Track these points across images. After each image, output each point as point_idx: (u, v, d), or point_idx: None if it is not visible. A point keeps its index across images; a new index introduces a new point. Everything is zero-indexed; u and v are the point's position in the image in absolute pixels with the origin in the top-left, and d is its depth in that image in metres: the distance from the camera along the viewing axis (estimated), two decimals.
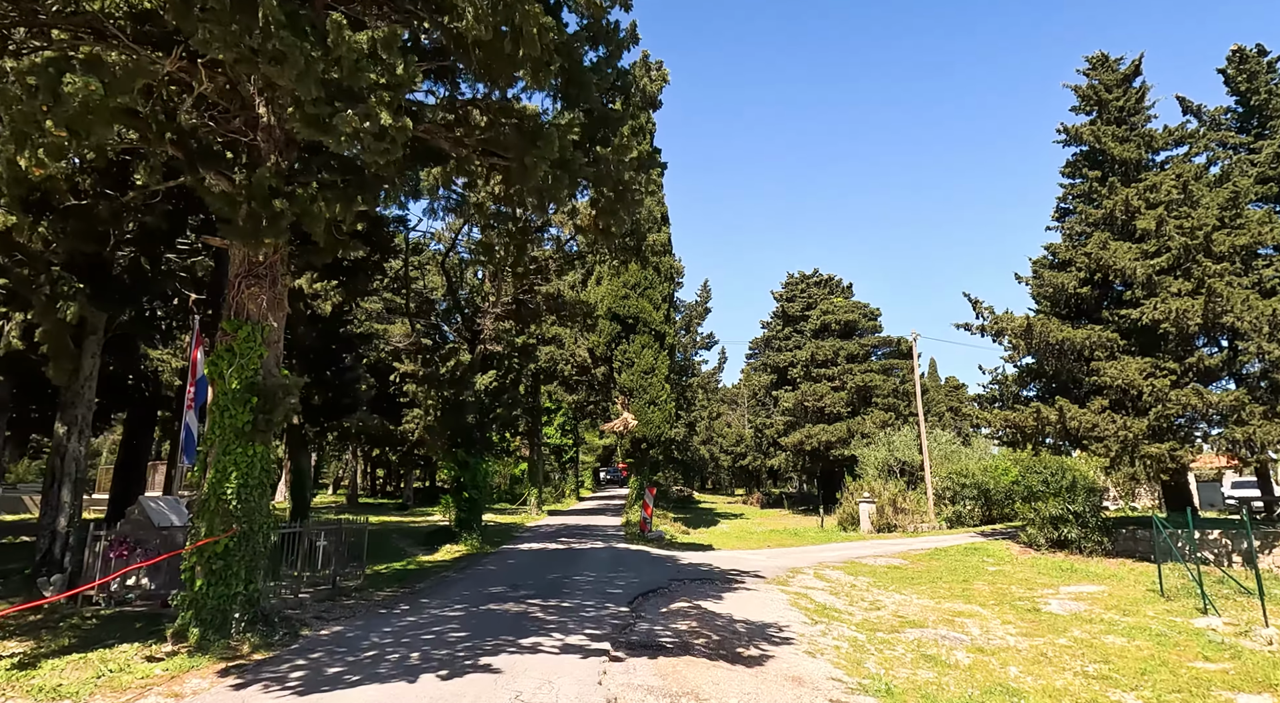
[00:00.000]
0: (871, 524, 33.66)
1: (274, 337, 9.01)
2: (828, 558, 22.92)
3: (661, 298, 32.67)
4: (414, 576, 15.48)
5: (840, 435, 47.51)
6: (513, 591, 13.10)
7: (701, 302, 50.55)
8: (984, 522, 36.85)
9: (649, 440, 31.63)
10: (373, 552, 19.49)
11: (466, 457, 20.31)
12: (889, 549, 26.20)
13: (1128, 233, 26.10)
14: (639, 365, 31.81)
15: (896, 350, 51.01)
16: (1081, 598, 17.52)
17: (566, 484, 59.80)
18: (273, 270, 8.85)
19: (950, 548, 26.38)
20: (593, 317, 25.96)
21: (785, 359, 57.83)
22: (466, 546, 19.99)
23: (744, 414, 74.86)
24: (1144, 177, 26.63)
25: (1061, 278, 27.31)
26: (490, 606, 11.57)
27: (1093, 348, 25.38)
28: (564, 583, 14.28)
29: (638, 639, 9.52)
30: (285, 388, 8.57)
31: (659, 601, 12.86)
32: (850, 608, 14.56)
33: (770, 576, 18.07)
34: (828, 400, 49.35)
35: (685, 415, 49.49)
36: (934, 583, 19.35)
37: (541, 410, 40.19)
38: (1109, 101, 28.06)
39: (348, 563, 13.16)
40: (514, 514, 38.95)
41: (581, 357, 33.78)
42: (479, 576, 15.40)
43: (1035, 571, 21.93)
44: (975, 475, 37.00)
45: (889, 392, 49.21)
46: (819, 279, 61.12)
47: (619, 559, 19.04)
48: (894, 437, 40.17)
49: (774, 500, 64.26)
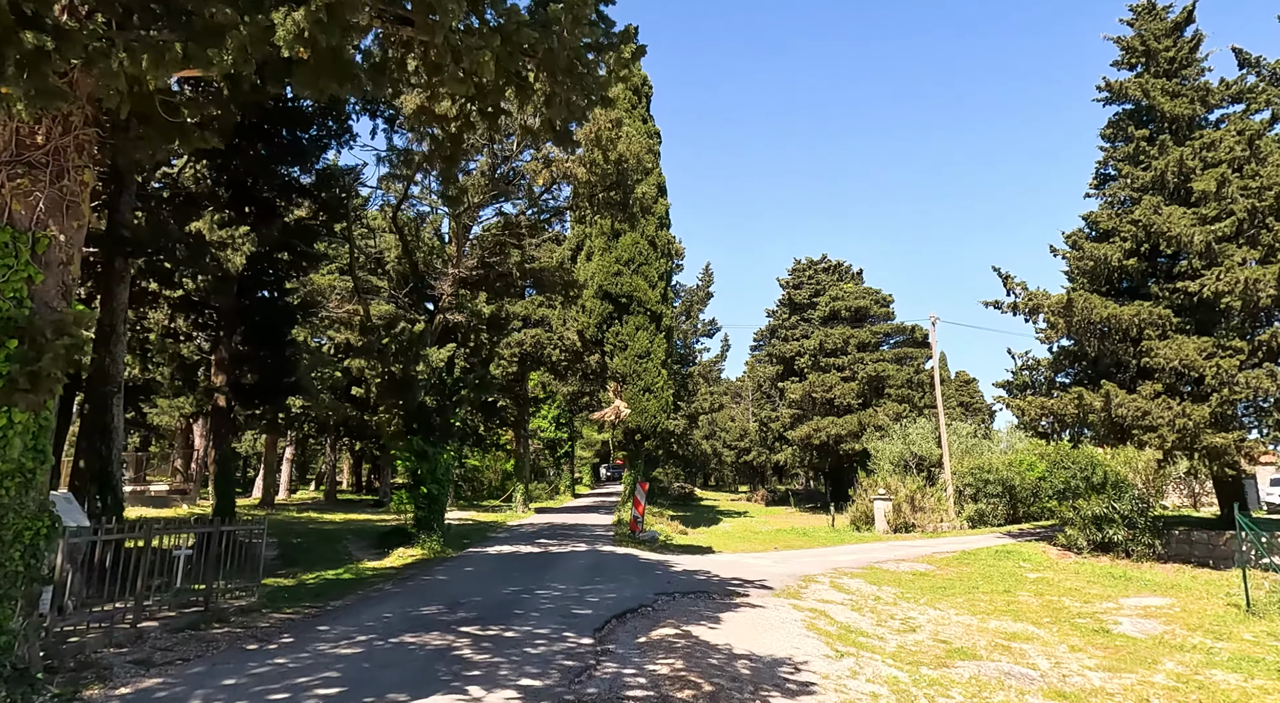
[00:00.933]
0: (887, 524, 30.79)
1: (58, 255, 6.19)
2: (843, 563, 20.06)
3: (658, 276, 29.77)
4: (339, 589, 12.65)
5: (851, 429, 44.61)
6: (449, 612, 10.23)
7: (703, 286, 47.59)
8: (1009, 521, 33.95)
9: (643, 431, 28.77)
10: (312, 557, 16.75)
11: (425, 445, 17.50)
12: (910, 552, 23.31)
13: (1181, 197, 23.15)
14: (632, 349, 28.93)
15: (910, 338, 48.04)
16: (1152, 614, 14.64)
17: (561, 481, 57.00)
18: (58, 158, 6.06)
19: (979, 551, 23.49)
20: (576, 287, 23.06)
21: (792, 349, 54.92)
22: (423, 549, 17.19)
23: (748, 407, 71.99)
24: (1199, 134, 23.64)
25: (1104, 249, 24.34)
26: (406, 638, 8.69)
27: (1142, 326, 22.43)
28: (520, 601, 11.41)
29: (594, 696, 6.67)
30: (59, 325, 5.75)
31: (638, 626, 10.00)
32: (879, 630, 11.72)
33: (779, 586, 15.23)
34: (837, 392, 46.45)
35: (685, 407, 46.59)
36: (970, 594, 16.51)
37: (529, 400, 37.34)
38: (1158, 52, 25.07)
39: (237, 576, 10.35)
40: (499, 512, 36.19)
41: (570, 340, 30.91)
42: (418, 589, 12.54)
43: (1082, 578, 19.07)
44: (999, 471, 34.13)
45: (902, 382, 46.28)
46: (827, 265, 58.17)
47: (599, 566, 16.19)
48: (910, 429, 37.27)
49: (779, 498, 61.42)
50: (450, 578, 13.73)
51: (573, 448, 58.57)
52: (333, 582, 13.41)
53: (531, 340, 32.31)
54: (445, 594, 11.81)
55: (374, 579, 13.77)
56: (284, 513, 29.33)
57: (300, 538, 19.35)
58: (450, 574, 14.25)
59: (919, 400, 45.44)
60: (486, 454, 50.31)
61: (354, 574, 14.37)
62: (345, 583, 13.23)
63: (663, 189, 31.22)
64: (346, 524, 24.75)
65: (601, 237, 29.62)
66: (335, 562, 15.99)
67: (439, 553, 17.33)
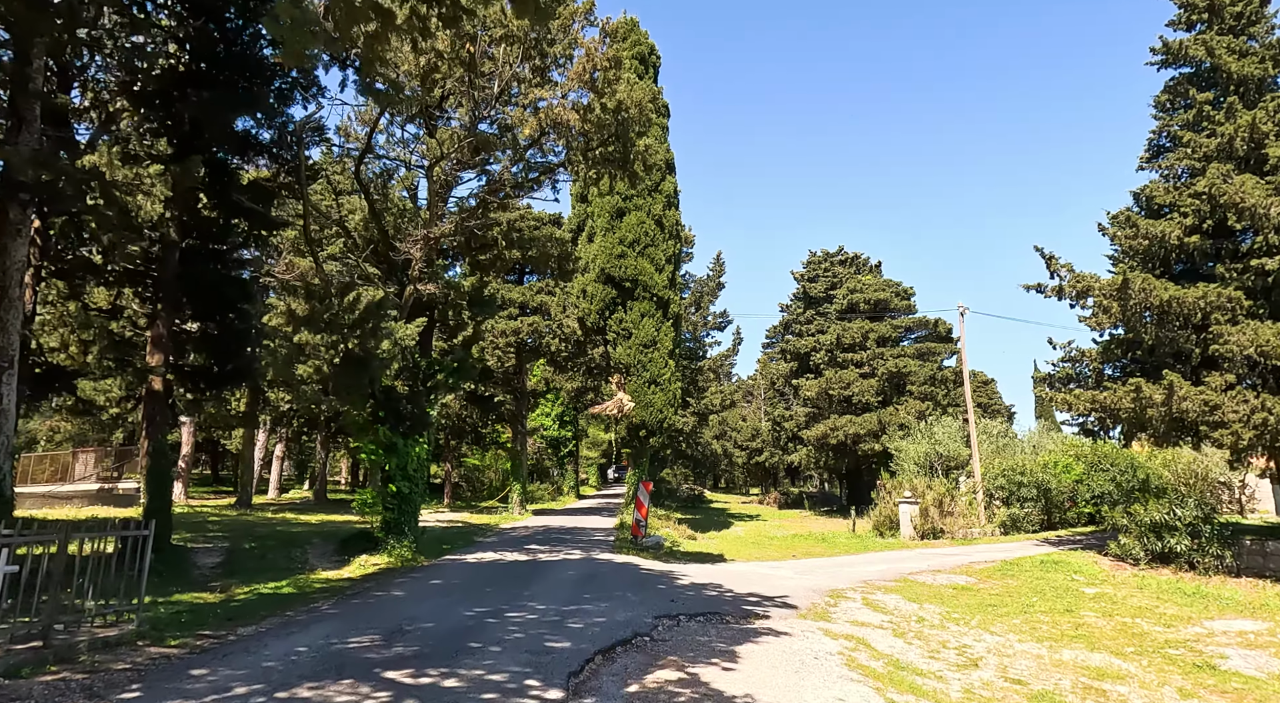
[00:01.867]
0: (914, 529, 28.33)
1: None
2: (873, 574, 17.68)
3: (665, 258, 27.43)
4: (266, 608, 10.31)
5: (870, 428, 42.08)
6: (383, 645, 7.87)
7: (714, 276, 45.00)
8: (1044, 527, 31.42)
9: (649, 427, 26.43)
10: (259, 566, 14.50)
11: (392, 436, 15.17)
12: (944, 561, 20.90)
13: (1254, 166, 20.62)
14: (637, 337, 26.61)
15: (934, 332, 45.43)
16: (1256, 643, 12.20)
17: (565, 481, 54.62)
18: None
19: (1021, 561, 21.05)
20: (571, 260, 20.67)
21: (807, 344, 52.40)
22: (390, 557, 14.87)
23: (760, 406, 69.40)
24: (1272, 97, 21.11)
25: (1161, 227, 21.82)
26: (301, 690, 6.31)
27: (1209, 310, 19.92)
28: (483, 628, 9.03)
29: None
30: None
31: (629, 665, 7.65)
32: (935, 665, 9.35)
33: (804, 603, 12.89)
34: (856, 389, 43.93)
35: (694, 404, 44.12)
36: (1026, 613, 14.14)
37: (528, 393, 35.01)
38: (1222, 7, 22.57)
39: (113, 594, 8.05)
40: (495, 514, 33.92)
41: (570, 328, 28.58)
42: (361, 610, 10.17)
43: (1149, 595, 16.62)
44: (1034, 473, 31.61)
45: (924, 379, 43.71)
46: (844, 258, 55.61)
47: (591, 579, 13.83)
48: (935, 428, 34.74)
49: (793, 500, 58.93)
50: (408, 594, 11.39)
51: (577, 447, 56.16)
52: (266, 598, 11.11)
53: (529, 328, 29.98)
54: (390, 618, 9.45)
55: (317, 595, 11.45)
56: (259, 514, 27.15)
57: (257, 543, 17.13)
58: (410, 589, 11.91)
59: (942, 398, 42.88)
60: (487, 453, 48.13)
61: (297, 588, 12.08)
62: (279, 600, 10.92)
63: (671, 166, 28.95)
64: (321, 527, 22.54)
65: (604, 215, 27.34)
66: (283, 572, 13.70)
67: (408, 561, 15.01)
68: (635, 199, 27.37)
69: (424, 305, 16.17)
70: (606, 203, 27.26)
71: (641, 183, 21.28)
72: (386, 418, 15.21)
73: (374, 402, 15.06)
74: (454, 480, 49.10)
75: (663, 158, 28.45)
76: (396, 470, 15.57)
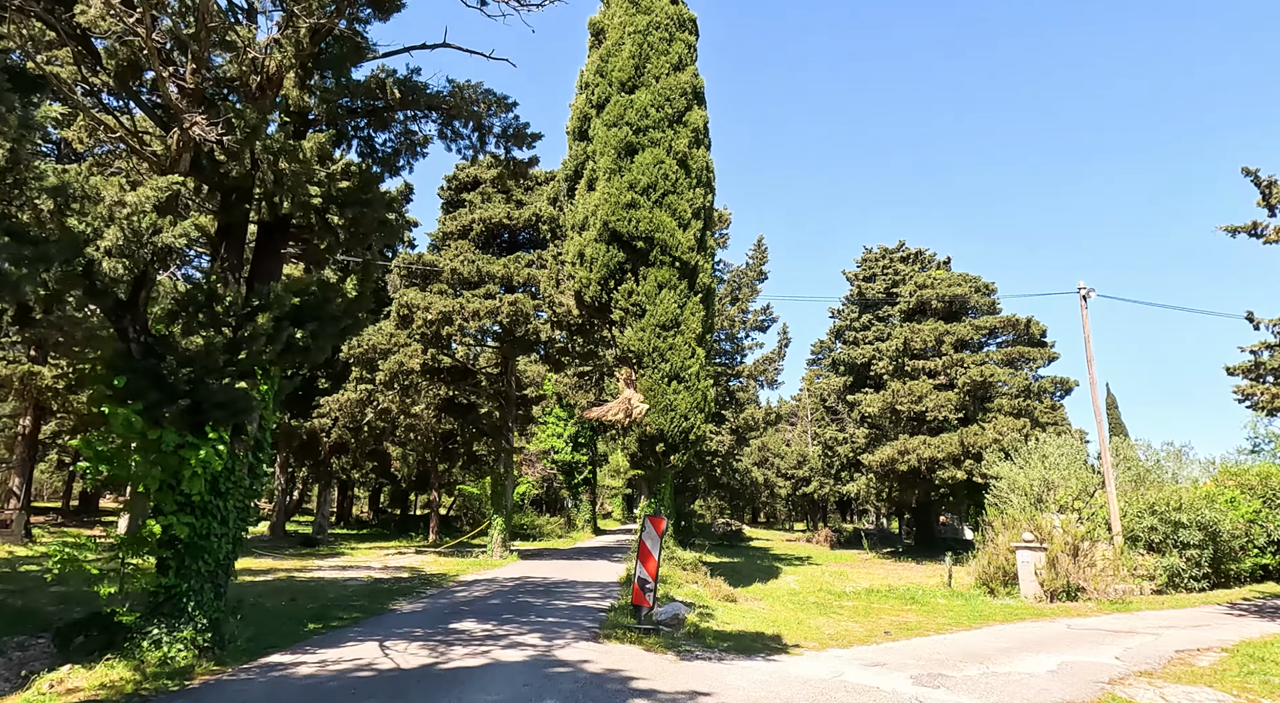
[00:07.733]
0: (1040, 586, 20.24)
1: None
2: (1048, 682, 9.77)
3: (691, 212, 20.09)
4: None
5: (950, 451, 33.88)
6: None
7: (755, 264, 37.32)
8: (1215, 584, 23.00)
9: (668, 439, 18.91)
10: None
11: (147, 427, 8.02)
12: (1133, 649, 12.85)
13: None
14: (653, 316, 19.23)
15: (1025, 335, 37.16)
16: None
17: (579, 514, 46.87)
18: None
19: (1263, 642, 12.98)
20: (531, 139, 13.04)
21: (865, 353, 44.44)
22: (129, 665, 7.47)
23: (806, 429, 61.13)
24: None
25: None
26: None
27: None
28: None
29: None
30: None
31: None
32: None
33: None
34: (929, 403, 35.83)
35: (731, 419, 36.32)
36: None
37: (516, 399, 27.46)
38: None
39: None
40: (472, 556, 26.45)
41: (564, 306, 21.32)
42: None
43: None
44: (1197, 508, 23.28)
45: (1017, 390, 35.46)
46: (905, 254, 47.77)
47: None
48: (1046, 448, 26.59)
49: (848, 539, 50.51)
50: None
51: (594, 474, 48.45)
52: None
53: (510, 308, 22.71)
54: None
55: None
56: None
57: None
58: None
59: (1040, 415, 34.56)
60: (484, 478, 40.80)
61: None
62: None
63: (699, 96, 21.79)
64: (34, 587, 14.83)
65: (609, 154, 20.20)
66: None
67: (169, 675, 7.63)
68: (651, 131, 20.24)
69: (236, 185, 8.98)
70: (613, 136, 20.14)
71: None
72: (132, 389, 8.04)
73: (117, 357, 8.00)
74: (444, 512, 41.82)
75: (688, 81, 21.35)
76: (166, 495, 8.40)
